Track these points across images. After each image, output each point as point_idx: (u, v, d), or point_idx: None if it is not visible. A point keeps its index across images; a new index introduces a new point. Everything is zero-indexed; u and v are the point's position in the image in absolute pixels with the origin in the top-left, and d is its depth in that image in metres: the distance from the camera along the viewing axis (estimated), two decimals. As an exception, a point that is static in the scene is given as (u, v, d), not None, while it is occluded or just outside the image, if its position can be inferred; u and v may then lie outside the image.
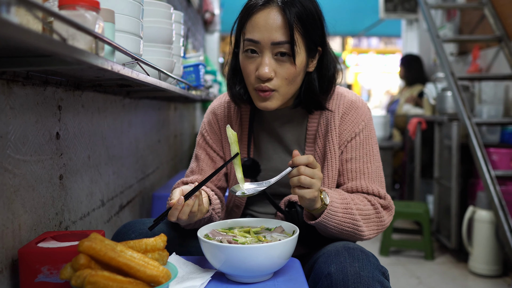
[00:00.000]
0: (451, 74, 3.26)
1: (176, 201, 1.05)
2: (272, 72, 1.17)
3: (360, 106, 1.30)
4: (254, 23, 1.17)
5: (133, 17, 1.10)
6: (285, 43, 1.15)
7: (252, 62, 1.20)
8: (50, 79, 1.19)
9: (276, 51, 1.17)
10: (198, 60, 2.55)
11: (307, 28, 1.17)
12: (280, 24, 1.15)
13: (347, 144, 1.28)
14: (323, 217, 1.12)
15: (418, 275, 2.94)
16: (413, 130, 3.91)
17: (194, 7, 4.23)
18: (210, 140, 1.40)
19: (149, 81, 1.17)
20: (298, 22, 1.16)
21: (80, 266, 0.84)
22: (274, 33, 1.15)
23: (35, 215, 1.13)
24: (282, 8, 1.15)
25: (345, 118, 1.29)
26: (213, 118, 1.42)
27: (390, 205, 1.26)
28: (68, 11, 0.78)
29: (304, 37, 1.18)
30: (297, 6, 1.15)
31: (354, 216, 1.16)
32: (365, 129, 1.29)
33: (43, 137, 1.17)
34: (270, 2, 1.16)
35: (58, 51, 0.62)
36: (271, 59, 1.17)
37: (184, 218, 1.08)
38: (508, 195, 2.84)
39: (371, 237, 1.22)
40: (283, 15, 1.15)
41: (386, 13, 5.53)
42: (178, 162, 3.31)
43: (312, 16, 1.18)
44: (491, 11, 3.60)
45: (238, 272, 1.01)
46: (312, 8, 1.19)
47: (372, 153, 1.29)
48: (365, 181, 1.26)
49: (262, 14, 1.16)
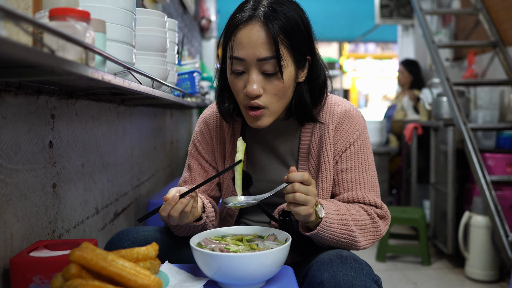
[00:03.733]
0: (446, 80, 3.27)
1: (170, 197, 1.06)
2: (261, 89, 1.15)
3: (354, 115, 1.28)
4: (238, 41, 1.14)
5: (125, 26, 1.11)
6: (271, 59, 1.12)
7: (240, 80, 1.17)
8: (43, 88, 1.19)
9: (263, 67, 1.14)
10: (194, 67, 2.57)
11: (293, 40, 1.14)
12: (264, 39, 1.12)
13: (342, 154, 1.26)
14: (318, 229, 1.12)
15: (414, 280, 2.94)
16: (409, 136, 3.92)
17: (190, 14, 4.24)
18: (202, 150, 1.39)
19: (141, 89, 1.17)
20: (283, 35, 1.12)
21: (71, 275, 0.84)
22: (259, 49, 1.12)
23: (27, 224, 1.13)
24: (265, 22, 1.11)
25: (339, 128, 1.27)
26: (205, 127, 1.40)
27: (386, 214, 1.26)
28: (58, 22, 0.78)
29: (291, 50, 1.15)
30: (280, 19, 1.12)
31: (350, 227, 1.16)
32: (359, 139, 1.27)
33: (36, 146, 1.17)
34: (252, 18, 1.13)
35: (46, 63, 0.63)
36: (259, 76, 1.15)
37: (175, 215, 1.07)
38: (504, 200, 2.85)
39: (367, 246, 1.22)
40: (266, 30, 1.11)
41: (382, 19, 5.56)
42: (175, 168, 3.31)
43: (297, 27, 1.15)
44: (486, 16, 3.62)
45: (231, 281, 1.01)
46: (297, 18, 1.16)
47: (367, 162, 1.28)
48: (360, 191, 1.25)
49: (245, 30, 1.13)
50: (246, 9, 1.15)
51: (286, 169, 1.32)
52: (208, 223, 1.26)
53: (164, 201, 1.08)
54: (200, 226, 1.24)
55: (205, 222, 1.24)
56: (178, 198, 1.07)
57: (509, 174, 2.95)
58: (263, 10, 1.13)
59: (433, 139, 3.54)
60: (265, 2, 1.15)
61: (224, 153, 1.38)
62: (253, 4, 1.15)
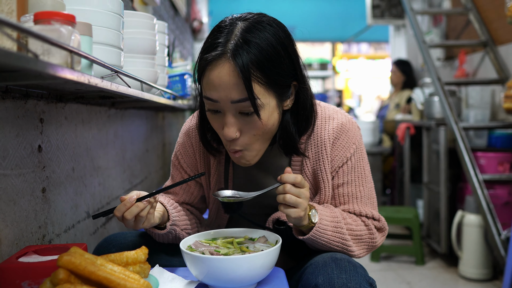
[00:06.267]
0: (437, 79, 3.28)
1: (127, 198, 1.05)
2: (237, 132, 1.08)
3: (350, 128, 1.23)
4: (209, 81, 1.04)
5: (113, 29, 1.10)
6: (245, 100, 1.03)
7: (217, 119, 1.10)
8: (31, 92, 1.18)
9: (239, 108, 1.05)
10: (185, 69, 2.56)
11: (270, 75, 1.04)
12: (235, 80, 1.01)
13: (339, 170, 1.23)
14: (311, 234, 1.11)
15: (408, 280, 2.94)
16: (402, 136, 3.93)
17: (182, 16, 4.24)
18: (184, 163, 1.34)
19: (130, 92, 1.16)
20: (256, 71, 1.02)
21: (59, 281, 0.83)
22: (231, 91, 1.02)
23: (16, 229, 1.12)
24: (236, 62, 1.00)
25: (336, 143, 1.22)
26: (187, 140, 1.34)
27: (383, 226, 1.25)
28: (43, 25, 0.78)
29: (268, 84, 1.05)
30: (251, 52, 1.01)
31: (344, 235, 1.15)
32: (356, 152, 1.23)
33: (24, 150, 1.16)
34: (221, 56, 1.02)
35: (30, 67, 0.62)
36: (234, 118, 1.07)
37: (129, 218, 1.04)
38: (496, 199, 2.86)
39: (361, 256, 1.21)
40: (236, 70, 1.00)
41: (374, 19, 5.57)
42: (167, 171, 3.30)
43: (274, 56, 1.04)
44: (476, 16, 3.64)
45: (221, 284, 1.01)
46: (274, 44, 1.04)
47: (364, 175, 1.25)
48: (357, 205, 1.23)
49: (215, 71, 1.02)
50: (218, 42, 1.04)
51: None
52: (179, 231, 1.23)
53: (121, 201, 1.06)
54: (170, 236, 1.22)
55: (174, 230, 1.22)
56: (134, 201, 1.04)
57: (500, 172, 2.96)
58: (234, 44, 1.02)
59: (425, 139, 3.55)
60: (238, 32, 1.04)
61: (209, 167, 1.33)
62: (226, 35, 1.04)
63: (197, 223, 1.36)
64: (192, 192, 1.36)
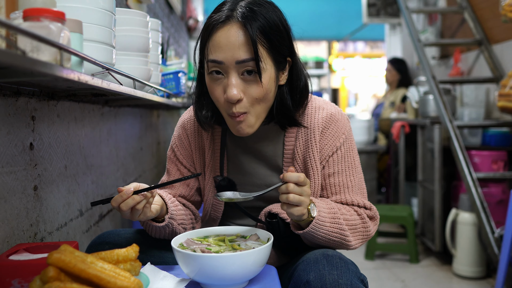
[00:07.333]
0: (432, 78, 3.29)
1: (124, 190, 1.05)
2: (241, 93, 1.12)
3: (339, 118, 1.27)
4: (215, 43, 1.10)
5: (104, 26, 1.10)
6: (249, 60, 1.09)
7: (218, 84, 1.14)
8: (22, 90, 1.18)
9: (242, 70, 1.10)
10: (180, 67, 2.55)
11: (272, 42, 1.11)
12: (243, 41, 1.08)
13: (329, 159, 1.25)
14: (311, 227, 1.12)
15: (402, 278, 2.95)
16: (396, 134, 3.94)
17: (177, 14, 4.23)
18: (180, 155, 1.36)
19: (122, 90, 1.16)
20: (261, 37, 1.09)
21: (49, 278, 0.83)
22: (237, 51, 1.08)
23: (7, 227, 1.12)
24: (243, 23, 1.08)
25: (325, 132, 1.25)
26: (183, 132, 1.37)
27: (375, 215, 1.27)
28: (32, 22, 0.77)
29: (271, 51, 1.12)
30: (259, 20, 1.09)
31: (342, 226, 1.16)
32: (346, 142, 1.26)
33: (15, 148, 1.16)
34: (229, 19, 1.10)
35: (17, 64, 0.62)
36: (238, 79, 1.11)
37: (125, 209, 1.06)
38: (490, 197, 2.87)
39: (357, 246, 1.22)
40: (244, 30, 1.08)
41: (369, 18, 5.58)
42: (162, 169, 3.30)
43: (277, 28, 1.12)
44: (471, 15, 3.65)
45: (212, 281, 1.01)
46: (276, 19, 1.13)
47: (354, 165, 1.27)
48: (349, 194, 1.25)
49: (223, 32, 1.09)
50: (223, 10, 1.12)
51: (271, 173, 1.30)
52: (176, 226, 1.24)
53: (118, 192, 1.07)
54: (166, 230, 1.23)
55: (171, 224, 1.23)
56: (131, 193, 1.06)
57: (495, 171, 2.97)
58: (241, 11, 1.10)
59: (420, 137, 3.56)
60: (243, 3, 1.12)
61: (203, 160, 1.36)
62: (230, 5, 1.13)
63: (193, 219, 1.37)
64: (188, 184, 1.37)
